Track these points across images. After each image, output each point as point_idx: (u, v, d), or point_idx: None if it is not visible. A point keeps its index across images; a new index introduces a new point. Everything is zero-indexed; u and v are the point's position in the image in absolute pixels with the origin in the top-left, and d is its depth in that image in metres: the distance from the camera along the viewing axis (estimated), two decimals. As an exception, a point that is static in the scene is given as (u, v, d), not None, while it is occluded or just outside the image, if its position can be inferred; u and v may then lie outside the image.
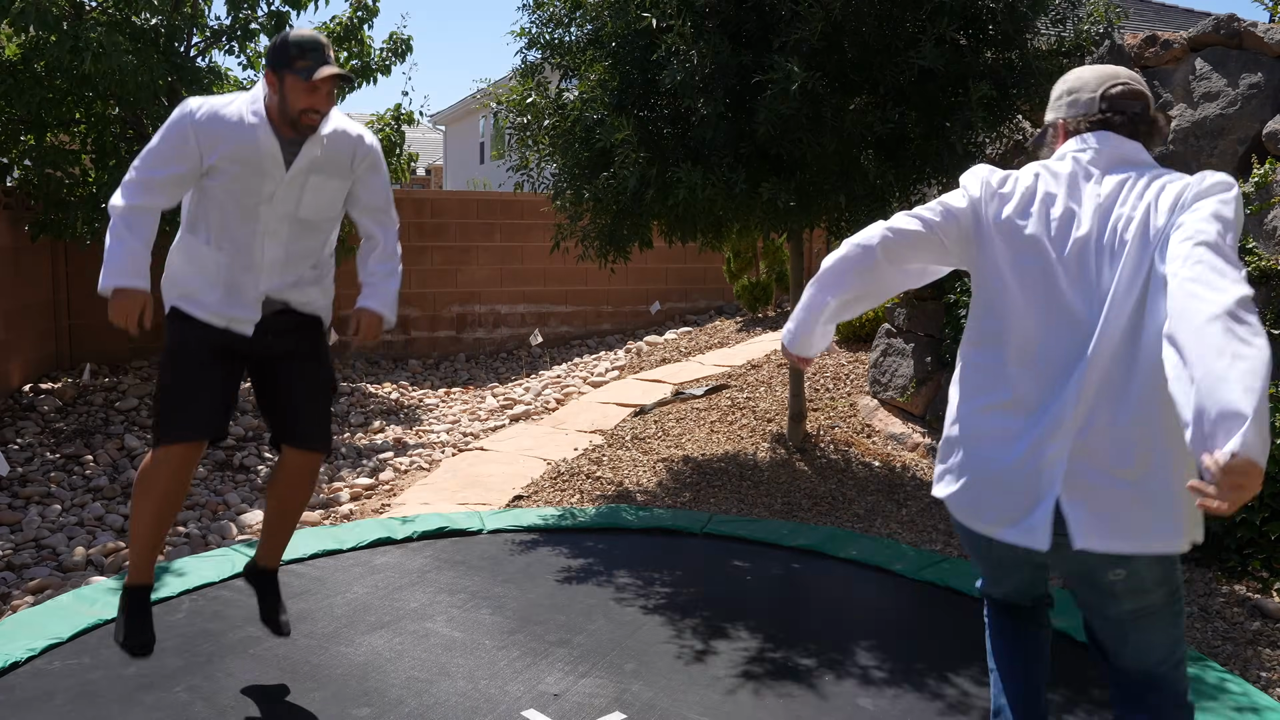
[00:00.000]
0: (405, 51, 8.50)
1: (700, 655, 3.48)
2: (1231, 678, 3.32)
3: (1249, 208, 4.65)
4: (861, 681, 3.30)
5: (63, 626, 3.51)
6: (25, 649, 3.33)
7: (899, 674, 3.38)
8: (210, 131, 2.76)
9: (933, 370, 6.03)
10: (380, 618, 3.74)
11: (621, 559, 4.41)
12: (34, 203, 7.73)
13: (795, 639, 3.65)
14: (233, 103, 2.82)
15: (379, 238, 3.10)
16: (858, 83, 4.79)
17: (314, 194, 2.87)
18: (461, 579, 4.14)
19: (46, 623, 3.55)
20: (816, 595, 4.09)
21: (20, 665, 3.27)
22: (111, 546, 4.77)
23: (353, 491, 5.87)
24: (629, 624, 3.72)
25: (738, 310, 11.73)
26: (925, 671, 3.40)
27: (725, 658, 3.46)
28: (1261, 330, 1.62)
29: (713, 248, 6.27)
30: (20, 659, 3.28)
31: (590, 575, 4.20)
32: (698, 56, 4.37)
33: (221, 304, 2.87)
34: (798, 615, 3.88)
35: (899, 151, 4.91)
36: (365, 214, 3.06)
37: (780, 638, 3.65)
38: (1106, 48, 5.40)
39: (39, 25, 6.22)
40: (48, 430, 6.78)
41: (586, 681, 3.26)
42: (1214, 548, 4.40)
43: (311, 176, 2.86)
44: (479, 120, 23.57)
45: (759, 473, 5.68)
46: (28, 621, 3.56)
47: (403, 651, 3.48)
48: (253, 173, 2.80)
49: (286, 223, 2.90)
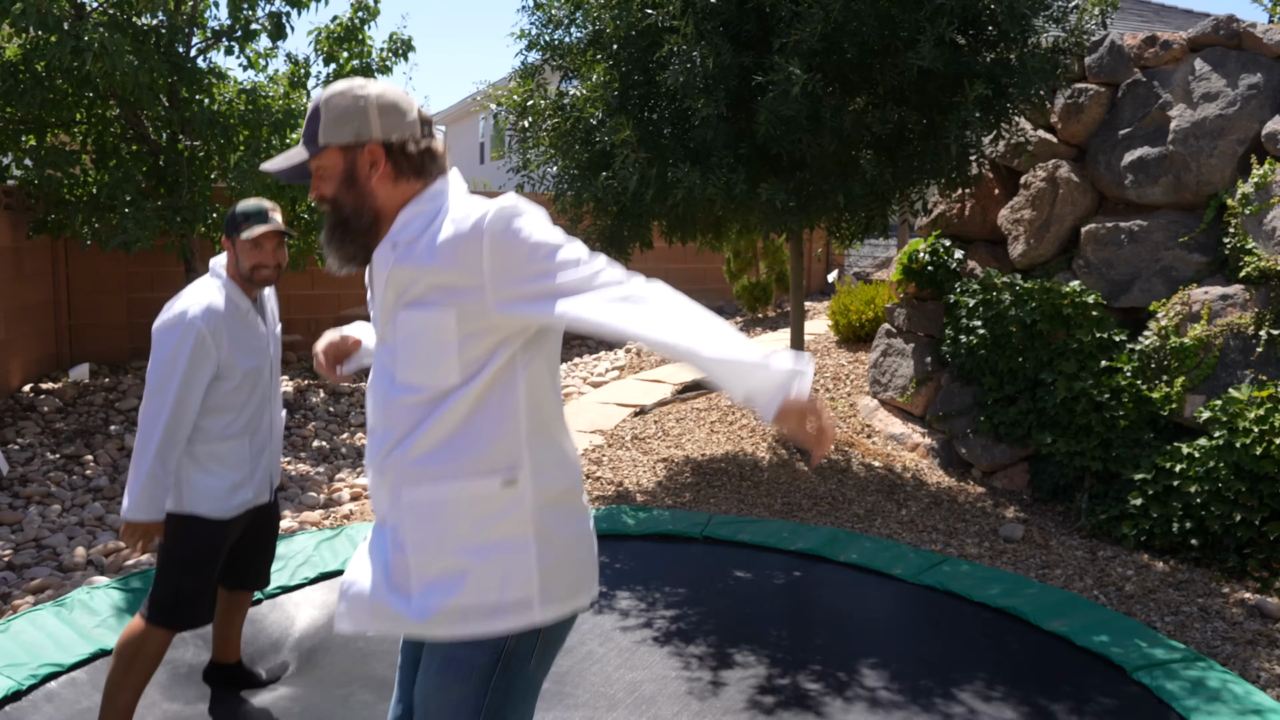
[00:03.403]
0: (406, 52, 8.51)
1: (705, 686, 3.48)
2: (1232, 677, 3.32)
3: (1249, 208, 4.65)
4: (870, 705, 3.29)
5: (62, 654, 3.44)
6: (28, 675, 3.25)
7: (907, 692, 3.37)
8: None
9: (933, 370, 6.03)
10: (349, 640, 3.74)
11: (620, 572, 4.41)
12: (34, 203, 7.73)
13: (798, 656, 3.64)
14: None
15: None
16: (857, 83, 4.80)
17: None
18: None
19: (44, 646, 3.53)
20: (818, 605, 4.09)
21: (22, 693, 3.20)
22: (112, 546, 4.78)
23: (353, 491, 5.87)
24: (627, 649, 3.72)
25: (738, 310, 11.73)
26: (933, 688, 3.40)
27: (733, 689, 3.41)
28: None
29: (713, 248, 6.27)
30: (22, 687, 3.21)
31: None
32: (699, 57, 4.38)
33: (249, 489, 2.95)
34: (800, 628, 3.88)
35: (898, 151, 4.92)
36: None
37: (783, 658, 3.65)
38: (1106, 47, 5.40)
39: (39, 26, 6.22)
40: (48, 430, 6.78)
41: (577, 714, 3.26)
42: (1214, 548, 4.41)
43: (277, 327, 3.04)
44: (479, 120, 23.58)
45: (759, 473, 5.68)
46: (29, 643, 3.53)
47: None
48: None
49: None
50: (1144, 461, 4.65)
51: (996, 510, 5.11)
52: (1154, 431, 4.78)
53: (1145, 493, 4.60)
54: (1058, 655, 3.54)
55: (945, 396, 5.84)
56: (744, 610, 3.90)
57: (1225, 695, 3.20)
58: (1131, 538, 4.60)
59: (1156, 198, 5.12)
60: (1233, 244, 4.73)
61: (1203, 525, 4.41)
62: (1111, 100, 5.42)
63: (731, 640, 3.64)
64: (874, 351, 6.62)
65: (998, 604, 3.90)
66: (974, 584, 4.09)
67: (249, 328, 2.83)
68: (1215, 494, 4.35)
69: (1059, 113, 5.53)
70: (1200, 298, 4.74)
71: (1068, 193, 5.46)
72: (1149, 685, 3.29)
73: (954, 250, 6.03)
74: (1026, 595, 3.97)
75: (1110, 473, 4.90)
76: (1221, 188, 4.89)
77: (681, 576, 4.22)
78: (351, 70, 8.28)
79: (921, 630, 3.74)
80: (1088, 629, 3.67)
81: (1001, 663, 3.48)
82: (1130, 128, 5.26)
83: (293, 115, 7.78)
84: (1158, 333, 4.81)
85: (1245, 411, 4.31)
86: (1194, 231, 4.95)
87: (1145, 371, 4.82)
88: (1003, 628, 3.76)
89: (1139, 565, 4.42)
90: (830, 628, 3.77)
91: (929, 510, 5.12)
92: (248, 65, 8.44)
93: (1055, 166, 5.53)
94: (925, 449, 5.90)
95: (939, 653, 3.56)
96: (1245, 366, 4.52)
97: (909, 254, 6.20)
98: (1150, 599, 4.10)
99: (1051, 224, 5.52)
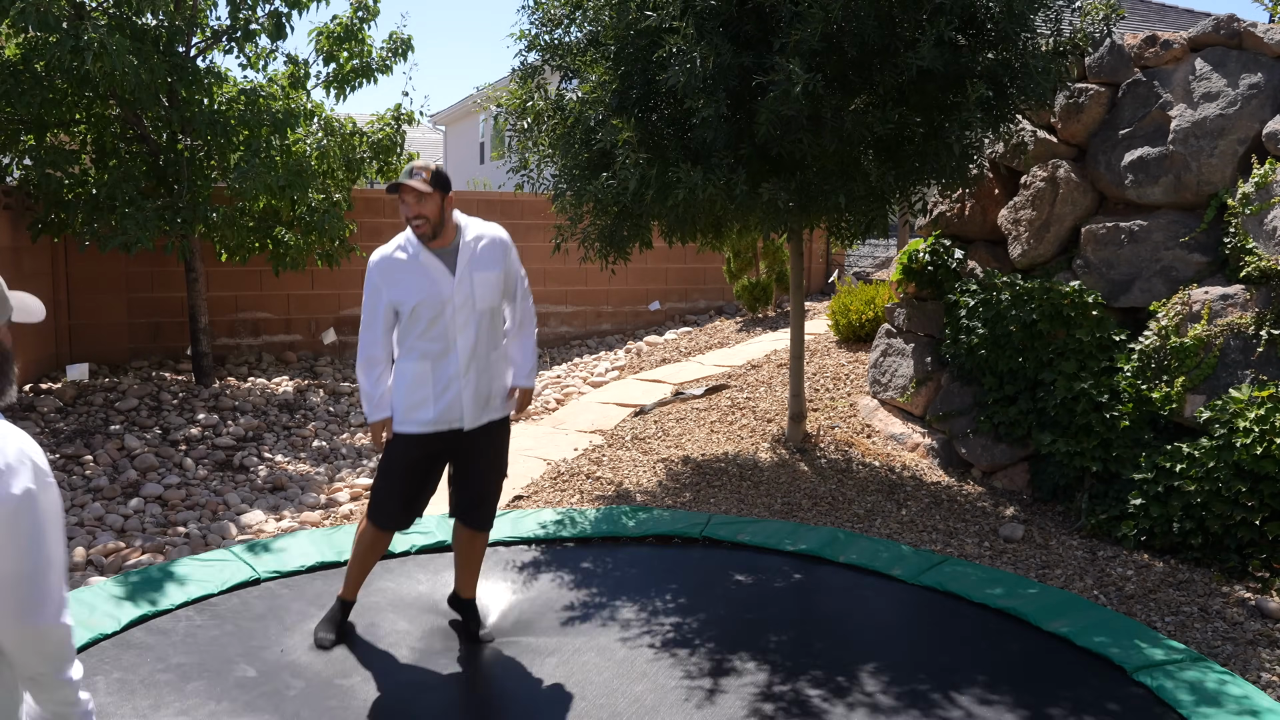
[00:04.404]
0: (405, 51, 8.51)
1: (706, 695, 3.47)
2: (1232, 678, 3.32)
3: (1249, 208, 4.65)
4: (872, 710, 3.29)
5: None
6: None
7: (908, 696, 3.37)
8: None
9: (932, 370, 6.03)
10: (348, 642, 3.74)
11: (619, 579, 4.40)
12: (34, 203, 7.73)
13: (799, 661, 3.64)
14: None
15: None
16: (857, 83, 4.79)
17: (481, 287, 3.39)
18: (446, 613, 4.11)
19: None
20: (818, 608, 4.08)
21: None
22: (111, 547, 4.77)
23: (353, 492, 5.87)
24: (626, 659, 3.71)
25: (738, 310, 11.73)
26: (933, 690, 3.39)
27: (734, 696, 3.36)
28: None
29: (713, 248, 6.27)
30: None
31: (590, 610, 4.20)
32: (699, 58, 4.37)
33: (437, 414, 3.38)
34: (800, 632, 3.87)
35: (898, 152, 4.91)
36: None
37: (784, 663, 3.64)
38: (1107, 47, 5.40)
39: (39, 26, 6.22)
40: (48, 430, 6.78)
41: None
42: (1214, 548, 4.41)
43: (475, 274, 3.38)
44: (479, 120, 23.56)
45: (759, 473, 5.67)
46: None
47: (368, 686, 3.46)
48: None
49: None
50: (1144, 461, 4.65)
51: (996, 510, 5.11)
52: (1154, 431, 4.78)
53: (1145, 493, 4.60)
54: (1058, 656, 3.54)
55: (945, 396, 5.84)
56: (744, 615, 3.90)
57: (1225, 696, 3.20)
58: (1131, 538, 4.60)
59: (1157, 198, 5.12)
60: (1233, 244, 4.73)
61: (1203, 525, 4.41)
62: (1112, 100, 5.42)
63: (731, 647, 3.64)
64: (874, 351, 6.62)
65: (998, 605, 3.90)
66: (974, 584, 4.08)
67: (419, 270, 3.26)
68: (1215, 494, 4.35)
69: (1059, 113, 5.52)
70: (1200, 298, 4.74)
71: (1068, 193, 5.45)
72: (1150, 686, 3.29)
73: (954, 250, 6.03)
74: (1027, 596, 3.97)
75: (1110, 473, 4.90)
76: (1222, 188, 4.88)
77: (681, 582, 4.22)
78: (351, 70, 8.28)
79: (921, 632, 3.74)
80: (1088, 629, 3.67)
81: (1001, 664, 3.48)
82: (1130, 127, 5.26)
83: (292, 115, 7.78)
84: (1158, 333, 4.81)
85: (1245, 411, 4.31)
86: (1194, 231, 4.94)
87: (1145, 371, 4.81)
88: (1003, 628, 3.75)
89: (1139, 565, 4.42)
90: (830, 631, 3.76)
91: (929, 510, 5.12)
92: (247, 65, 8.43)
93: (1055, 166, 5.53)
94: (925, 449, 5.89)
95: (939, 654, 3.56)
96: (1245, 366, 4.52)
97: (909, 254, 6.20)
98: (1150, 599, 4.10)
99: (1051, 224, 5.52)
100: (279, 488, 6.03)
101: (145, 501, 5.57)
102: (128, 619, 3.65)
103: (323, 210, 8.30)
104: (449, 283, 3.27)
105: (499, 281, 3.36)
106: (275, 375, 9.14)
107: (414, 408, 3.30)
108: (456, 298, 3.28)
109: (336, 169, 8.50)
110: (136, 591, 3.88)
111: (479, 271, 3.32)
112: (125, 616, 3.66)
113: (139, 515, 5.37)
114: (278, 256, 8.30)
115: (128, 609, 3.72)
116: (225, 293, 9.64)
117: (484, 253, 3.35)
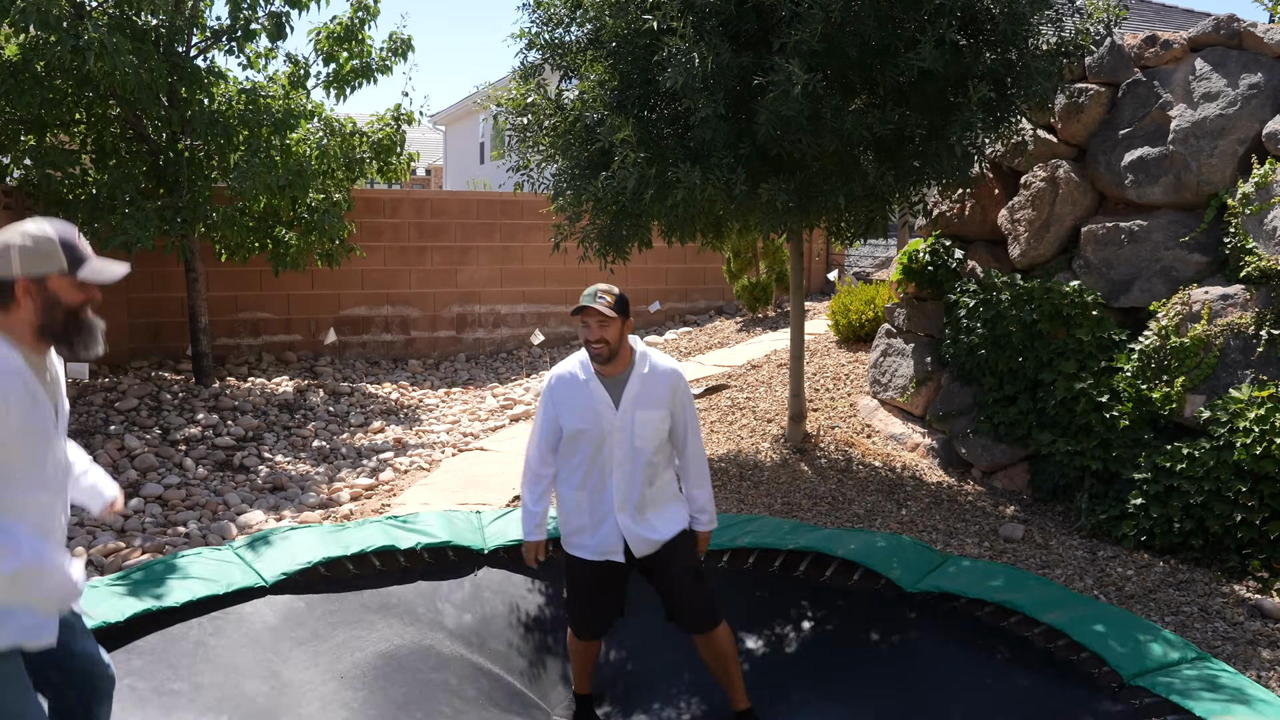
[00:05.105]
0: (405, 51, 8.51)
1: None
2: (1232, 674, 3.31)
3: (1249, 208, 4.65)
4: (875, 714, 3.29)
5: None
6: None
7: (908, 698, 3.37)
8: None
9: (932, 370, 6.03)
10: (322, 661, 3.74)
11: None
12: (34, 203, 7.73)
13: (799, 670, 3.63)
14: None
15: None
16: (857, 84, 4.80)
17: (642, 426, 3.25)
18: (432, 631, 4.11)
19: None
20: (818, 614, 4.08)
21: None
22: (111, 547, 4.77)
23: (353, 492, 5.87)
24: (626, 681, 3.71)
25: (737, 310, 11.73)
26: (933, 691, 3.39)
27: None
28: None
29: (713, 248, 6.27)
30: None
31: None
32: (699, 58, 4.38)
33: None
34: (800, 642, 3.87)
35: (899, 152, 4.91)
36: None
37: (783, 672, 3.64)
38: (1107, 47, 5.40)
39: (39, 26, 6.22)
40: (48, 430, 6.78)
41: None
42: (1214, 548, 4.41)
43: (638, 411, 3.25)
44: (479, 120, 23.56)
45: (759, 473, 5.67)
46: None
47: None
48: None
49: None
50: (1144, 461, 4.65)
51: (996, 510, 5.11)
52: (1154, 431, 4.78)
53: (1145, 493, 4.60)
54: (1058, 655, 3.54)
55: (945, 396, 5.84)
56: (739, 627, 3.90)
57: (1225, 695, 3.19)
58: (1131, 538, 4.60)
59: (1156, 198, 5.12)
60: (1233, 244, 4.73)
61: (1203, 525, 4.41)
62: (1112, 100, 5.42)
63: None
64: (874, 351, 6.62)
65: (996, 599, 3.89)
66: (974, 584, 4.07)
67: (587, 396, 3.18)
68: (1215, 494, 4.35)
69: (1059, 113, 5.52)
70: (1200, 298, 4.74)
71: (1068, 193, 5.45)
72: (1150, 686, 3.29)
73: (954, 250, 6.03)
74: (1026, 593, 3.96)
75: (1110, 473, 4.90)
76: (1222, 188, 4.88)
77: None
78: (351, 70, 8.28)
79: (921, 633, 3.74)
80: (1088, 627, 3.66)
81: (1002, 665, 3.48)
82: (1130, 128, 5.26)
83: (292, 115, 7.78)
84: (1158, 333, 4.81)
85: (1245, 411, 4.31)
86: (1194, 231, 4.94)
87: (1145, 371, 4.81)
88: (1003, 628, 3.75)
89: (1139, 565, 4.42)
90: (831, 635, 3.76)
91: (929, 510, 5.12)
92: (247, 65, 8.43)
93: (1055, 166, 5.53)
94: (925, 449, 5.89)
95: (939, 655, 3.55)
96: (1245, 366, 4.52)
97: (909, 254, 6.20)
98: (1150, 599, 4.10)
99: (1051, 224, 5.52)
100: (279, 488, 6.03)
101: (145, 501, 5.57)
102: (131, 612, 3.63)
103: (323, 210, 8.30)
104: (612, 415, 3.16)
105: (662, 422, 3.20)
106: (275, 375, 9.14)
107: (574, 533, 3.24)
108: (616, 433, 3.16)
109: (336, 169, 8.50)
110: (137, 595, 3.87)
111: (641, 410, 3.18)
112: (129, 609, 3.65)
113: (139, 515, 5.37)
114: (278, 256, 8.31)
115: (131, 603, 3.71)
116: (225, 293, 9.64)
117: (651, 389, 3.21)
